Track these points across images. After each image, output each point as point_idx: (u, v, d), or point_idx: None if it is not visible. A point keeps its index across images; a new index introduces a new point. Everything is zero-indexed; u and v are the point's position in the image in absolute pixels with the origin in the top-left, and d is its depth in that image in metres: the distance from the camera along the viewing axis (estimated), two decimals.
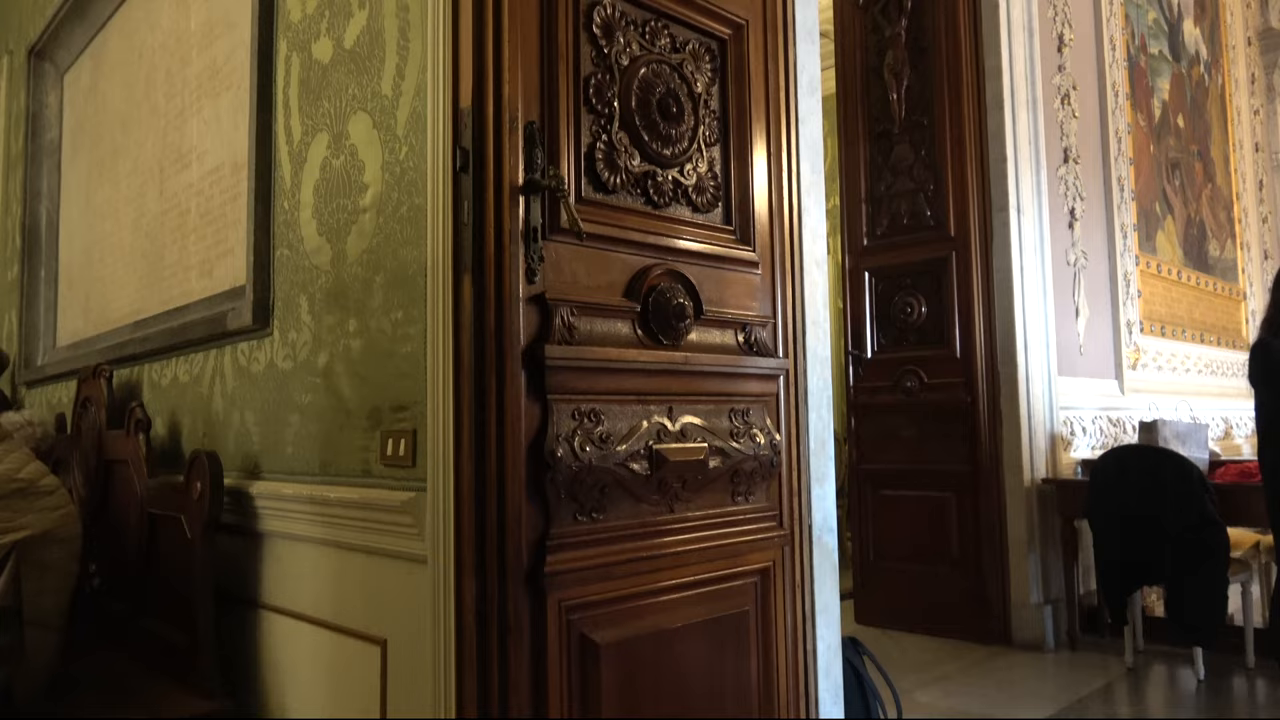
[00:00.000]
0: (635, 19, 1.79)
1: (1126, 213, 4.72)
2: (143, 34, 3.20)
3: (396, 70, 1.80)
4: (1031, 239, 3.95)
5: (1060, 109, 4.29)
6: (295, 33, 2.17)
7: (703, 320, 1.82)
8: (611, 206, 1.72)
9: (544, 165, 1.58)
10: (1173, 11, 5.48)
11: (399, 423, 1.75)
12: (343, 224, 1.95)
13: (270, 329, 2.21)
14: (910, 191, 4.12)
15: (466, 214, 1.57)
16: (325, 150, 2.03)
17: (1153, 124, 5.13)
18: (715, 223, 1.90)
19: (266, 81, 2.27)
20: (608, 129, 1.72)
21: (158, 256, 3.01)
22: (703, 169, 1.88)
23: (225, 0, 2.60)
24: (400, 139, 1.78)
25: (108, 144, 3.50)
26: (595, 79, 1.70)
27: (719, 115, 1.93)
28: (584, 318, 1.64)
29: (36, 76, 4.03)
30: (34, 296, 4.01)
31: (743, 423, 1.87)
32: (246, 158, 2.36)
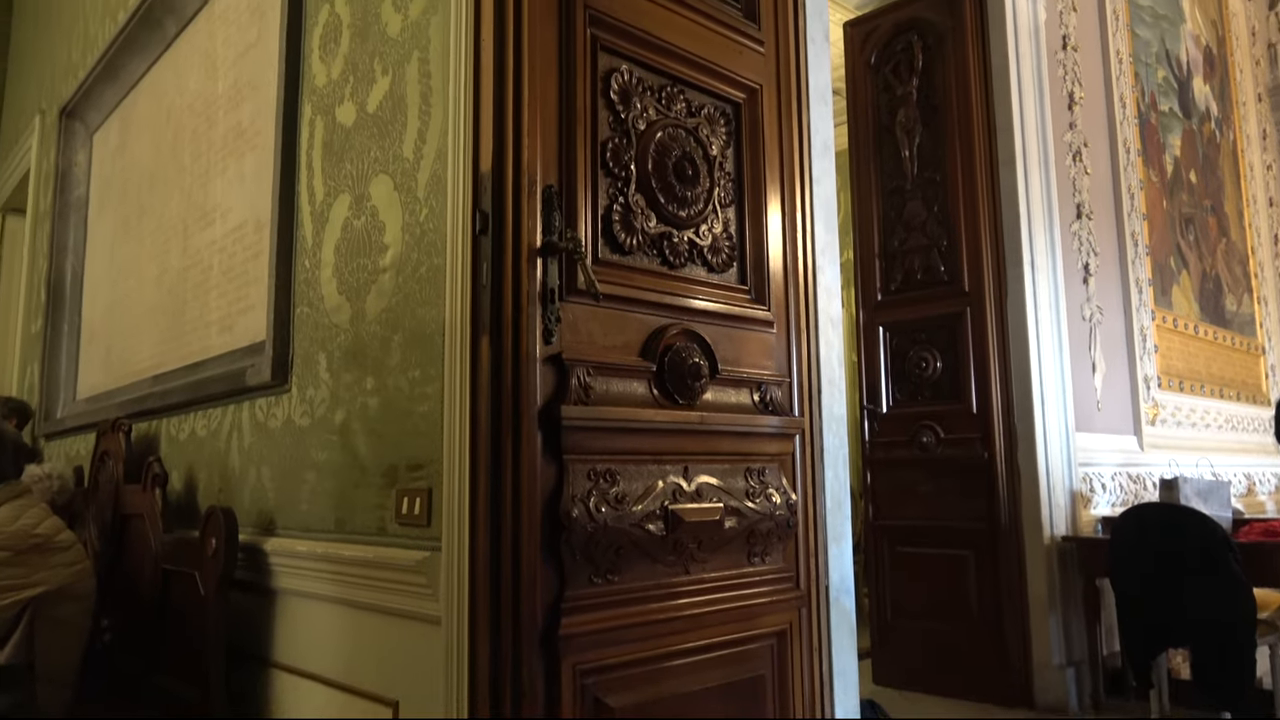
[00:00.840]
0: (652, 85, 1.82)
1: (1141, 268, 4.72)
2: (171, 96, 3.28)
3: (418, 134, 1.84)
4: (1046, 294, 3.95)
5: (1072, 165, 4.32)
6: (320, 96, 2.23)
7: (718, 379, 1.83)
8: (628, 267, 1.73)
9: (562, 228, 1.60)
10: (1182, 69, 5.54)
11: (415, 481, 1.75)
12: (363, 283, 1.98)
13: (289, 385, 2.22)
14: (924, 247, 4.14)
15: (485, 275, 1.59)
16: (347, 211, 2.06)
17: (1165, 180, 5.16)
18: (730, 282, 1.92)
19: (291, 143, 2.33)
20: (625, 191, 1.75)
21: (179, 312, 3.05)
22: (718, 229, 1.90)
23: (252, 64, 2.67)
24: (421, 201, 1.81)
25: (134, 201, 3.57)
26: (613, 143, 1.73)
27: (734, 177, 1.95)
28: (600, 378, 1.64)
29: (67, 135, 4.14)
30: (56, 349, 4.07)
31: (759, 482, 1.87)
32: (269, 216, 2.41)
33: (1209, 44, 5.92)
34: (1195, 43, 5.74)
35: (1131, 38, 4.94)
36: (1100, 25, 4.67)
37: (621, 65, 1.77)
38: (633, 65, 1.79)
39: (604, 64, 1.74)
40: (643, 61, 1.80)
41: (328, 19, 2.22)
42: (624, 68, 1.77)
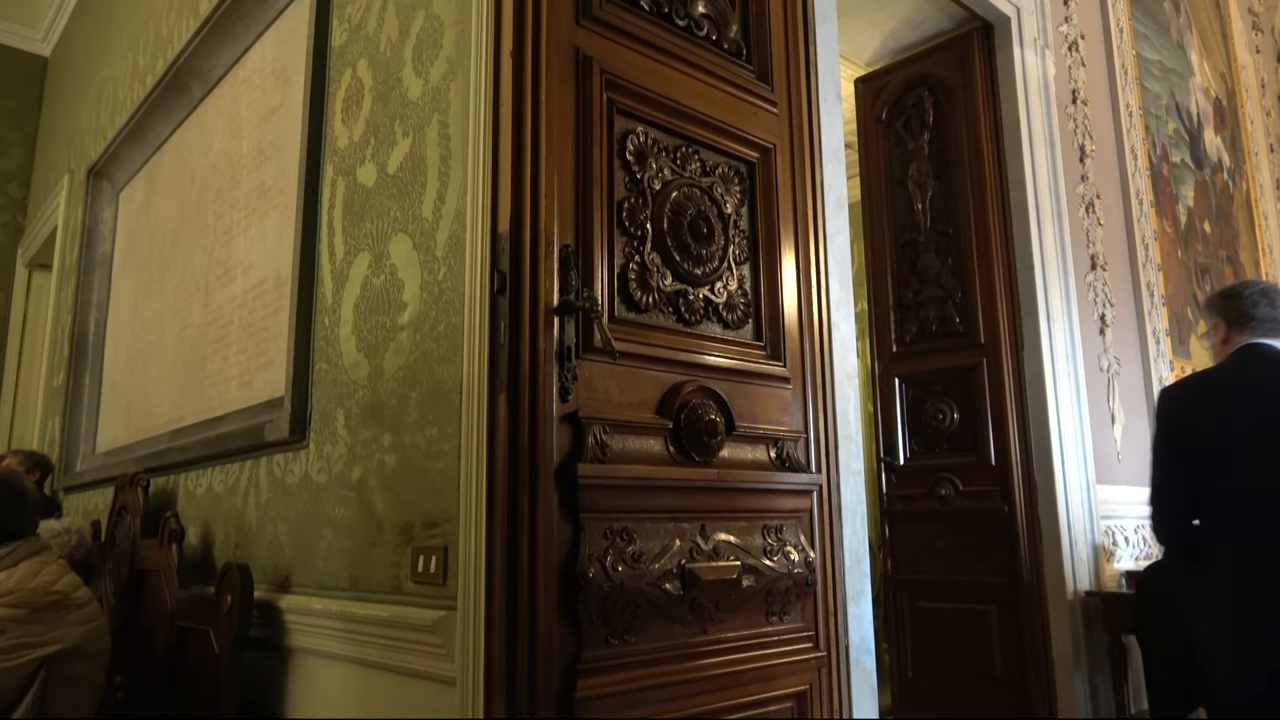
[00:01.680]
0: (667, 145, 1.86)
1: (1158, 318, 4.70)
2: (196, 156, 3.36)
3: (437, 195, 1.87)
4: (1063, 345, 3.94)
5: (1085, 217, 4.33)
6: (341, 157, 2.28)
7: (734, 436, 1.83)
8: (644, 325, 1.75)
9: (578, 287, 1.62)
10: (1192, 121, 5.57)
11: (431, 539, 1.75)
12: (381, 340, 2.00)
13: (306, 441, 2.24)
14: (938, 299, 4.14)
15: (503, 334, 1.60)
16: (366, 269, 2.09)
17: (1179, 230, 5.16)
18: (746, 339, 1.93)
19: (313, 202, 2.37)
20: (640, 250, 1.77)
21: (199, 366, 3.08)
22: (733, 286, 1.91)
23: (276, 126, 2.73)
24: (439, 260, 1.84)
25: (157, 258, 3.63)
26: (628, 203, 1.76)
27: (748, 234, 1.97)
28: (616, 435, 1.65)
29: (94, 194, 4.23)
30: (77, 403, 4.11)
31: (776, 540, 1.85)
32: (291, 273, 2.45)
33: (1219, 96, 5.97)
34: (1205, 95, 5.79)
35: (1141, 91, 4.99)
36: (1109, 80, 4.72)
37: (637, 127, 1.80)
38: (648, 127, 1.82)
39: (620, 126, 1.78)
40: (658, 123, 1.84)
41: (350, 83, 2.28)
42: (640, 129, 1.81)
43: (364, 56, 2.22)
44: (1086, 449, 3.90)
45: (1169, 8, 5.50)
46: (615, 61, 1.77)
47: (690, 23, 1.92)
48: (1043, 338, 3.86)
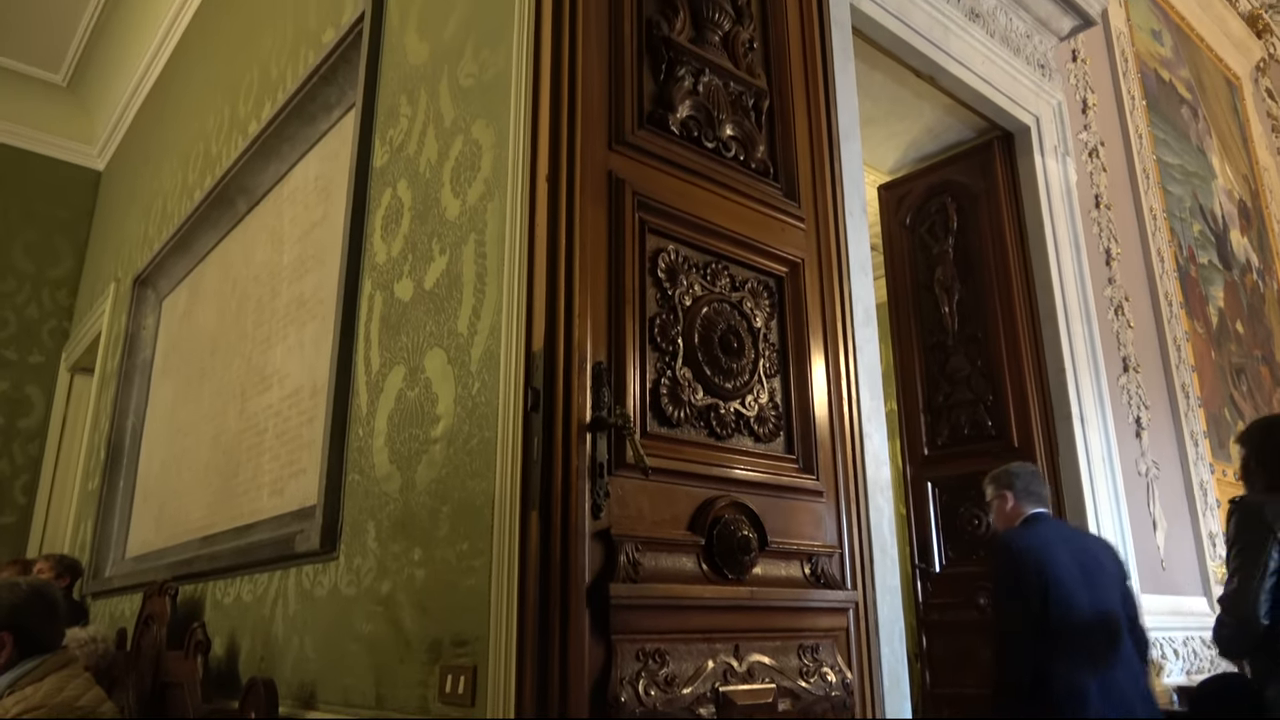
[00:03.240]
0: (697, 262, 1.89)
1: (1195, 420, 4.63)
2: (238, 267, 3.47)
3: (473, 311, 1.91)
4: (1098, 449, 3.87)
5: (1115, 319, 4.33)
6: (380, 273, 2.34)
7: (768, 552, 1.80)
8: (675, 440, 1.75)
9: (610, 403, 1.63)
10: (1218, 223, 5.60)
11: (459, 658, 1.72)
12: (414, 453, 2.01)
13: (336, 553, 2.23)
14: (969, 402, 4.11)
15: (536, 450, 1.61)
16: (401, 382, 2.13)
17: (1211, 331, 5.13)
18: (777, 452, 1.92)
19: (350, 315, 2.43)
20: (672, 366, 1.78)
21: (232, 473, 3.11)
22: (764, 400, 1.92)
23: (317, 240, 2.83)
24: (473, 375, 1.86)
25: (196, 365, 3.72)
26: (660, 319, 1.79)
27: (778, 348, 1.99)
28: (649, 553, 1.63)
29: (138, 302, 4.36)
30: (110, 507, 4.14)
31: (812, 660, 1.80)
32: (326, 383, 2.49)
33: (1242, 197, 6.01)
34: (1228, 197, 5.83)
35: (1164, 194, 5.04)
36: (1131, 184, 4.78)
37: (668, 245, 1.85)
38: (679, 245, 1.87)
39: (652, 244, 1.82)
40: (689, 241, 1.88)
41: (390, 201, 2.36)
42: (670, 247, 1.85)
43: (404, 177, 2.31)
44: (1129, 557, 3.79)
45: (1187, 113, 5.61)
46: (647, 183, 1.82)
47: (719, 144, 1.99)
48: (1077, 441, 3.80)
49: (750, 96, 2.09)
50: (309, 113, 2.97)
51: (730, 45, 2.09)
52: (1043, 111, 4.15)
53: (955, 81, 3.73)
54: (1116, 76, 4.88)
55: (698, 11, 2.04)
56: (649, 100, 1.91)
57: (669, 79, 1.95)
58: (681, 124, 1.94)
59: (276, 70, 3.40)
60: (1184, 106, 5.59)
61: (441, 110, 2.20)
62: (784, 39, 2.20)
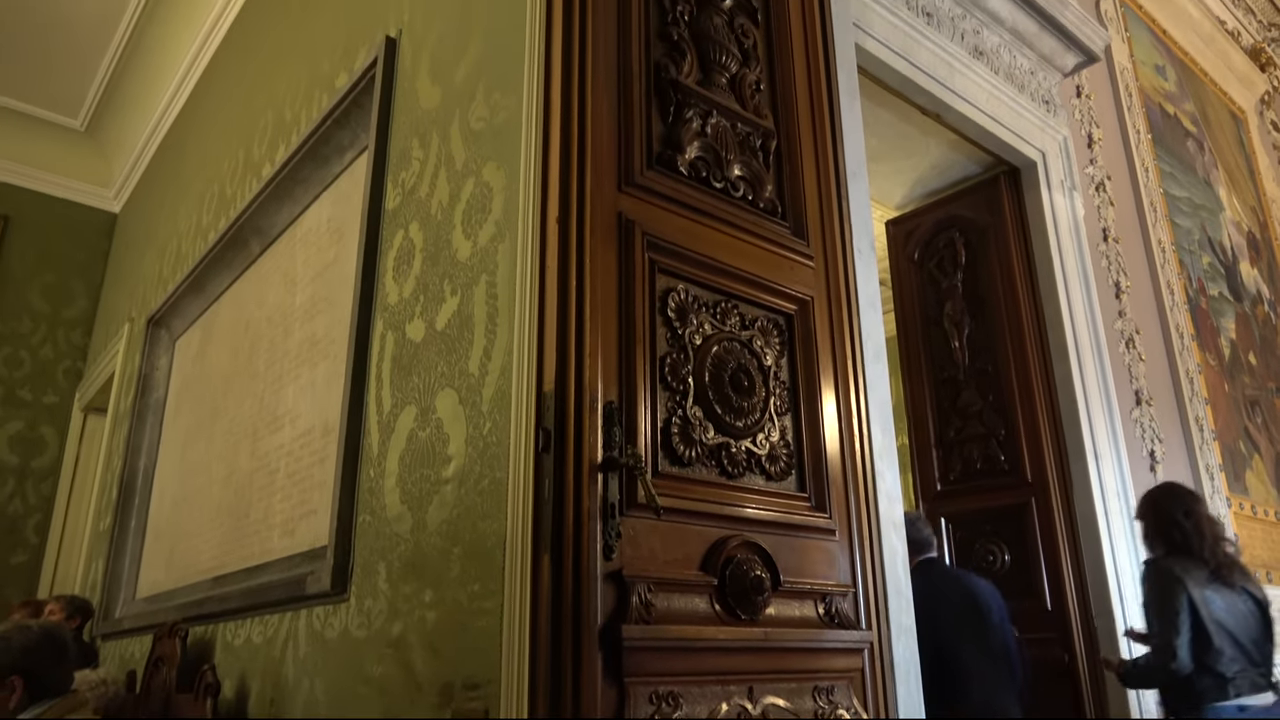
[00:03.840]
0: (707, 301, 1.90)
1: (1210, 454, 4.59)
2: (251, 308, 3.50)
3: (484, 352, 1.92)
4: (1113, 484, 3.84)
5: (1126, 353, 4.31)
6: (392, 313, 2.36)
7: (781, 592, 1.79)
8: (687, 479, 1.75)
9: (622, 443, 1.63)
10: (1227, 255, 5.60)
11: (471, 701, 1.71)
12: (425, 493, 2.01)
13: (347, 595, 2.22)
14: (981, 436, 4.09)
15: (547, 491, 1.61)
16: (413, 422, 2.13)
17: (1224, 363, 5.10)
18: (789, 490, 1.91)
19: (362, 355, 2.44)
20: (682, 405, 1.78)
21: (243, 513, 3.11)
22: (775, 438, 1.92)
23: (330, 281, 2.85)
24: (485, 415, 1.87)
25: (208, 404, 3.74)
26: (670, 358, 1.79)
27: (788, 385, 1.99)
28: (661, 594, 1.62)
29: (152, 342, 4.40)
30: (121, 547, 4.15)
31: (827, 702, 1.78)
32: (338, 423, 2.49)
33: (1251, 229, 6.01)
34: (1237, 229, 5.84)
35: (1172, 227, 5.05)
36: (1139, 217, 4.79)
37: (678, 285, 1.86)
38: (689, 284, 1.88)
39: (662, 284, 1.83)
40: (698, 280, 1.89)
41: (402, 243, 2.38)
42: (680, 287, 1.86)
43: (416, 219, 2.34)
44: None
45: (1192, 146, 5.63)
46: (656, 224, 1.84)
47: (727, 184, 2.00)
48: (1091, 476, 3.77)
49: (758, 137, 2.12)
50: (322, 155, 3.01)
51: (737, 87, 2.11)
52: (1048, 146, 4.17)
53: (961, 118, 3.76)
54: (1121, 111, 4.91)
55: (705, 54, 2.07)
56: (658, 142, 1.93)
57: (677, 121, 1.97)
58: (690, 165, 1.96)
59: (290, 114, 3.45)
60: (1189, 140, 5.61)
61: (453, 153, 2.24)
62: (790, 80, 2.23)
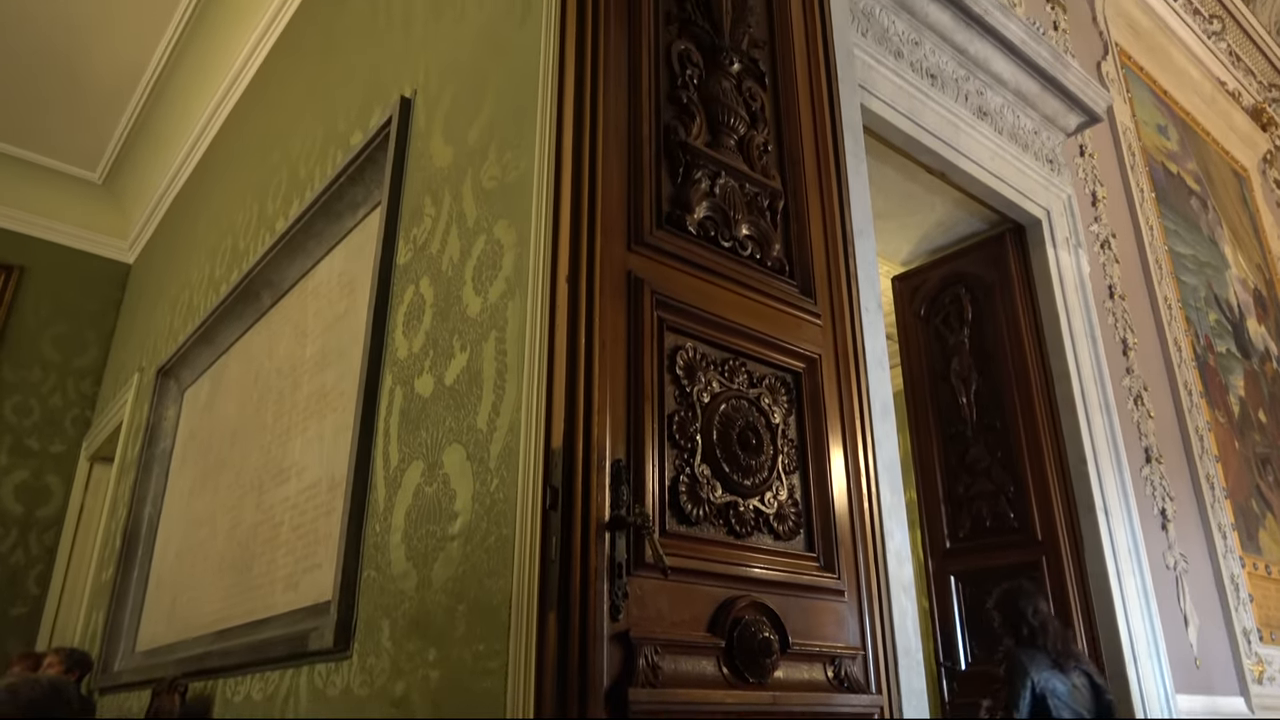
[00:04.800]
0: (715, 359, 1.91)
1: (1222, 512, 4.54)
2: (261, 359, 3.52)
3: (492, 408, 1.93)
4: (1124, 542, 3.80)
5: (1135, 409, 4.30)
6: (401, 368, 2.37)
7: (789, 654, 1.76)
8: (695, 538, 1.73)
9: (629, 502, 1.62)
10: (1233, 311, 5.61)
11: None
12: (431, 550, 2.00)
13: (350, 652, 2.20)
14: (990, 493, 4.06)
15: (554, 550, 1.60)
16: (419, 477, 2.13)
17: (1233, 421, 5.08)
18: (798, 550, 1.90)
19: (370, 409, 2.45)
20: (690, 463, 1.78)
21: (247, 567, 3.09)
22: (783, 496, 1.91)
23: (340, 334, 2.87)
24: (492, 472, 1.87)
25: (215, 455, 3.74)
26: (678, 416, 1.79)
27: (796, 444, 1.98)
28: (668, 656, 1.60)
29: (161, 392, 4.42)
30: (123, 599, 4.11)
31: None
32: (344, 476, 2.49)
33: (1257, 286, 6.03)
34: (1243, 286, 5.86)
35: (1178, 284, 5.06)
36: (1144, 274, 4.81)
37: (686, 343, 1.87)
38: (697, 342, 1.89)
39: (670, 342, 1.84)
40: (706, 339, 1.90)
41: (412, 298, 2.41)
42: (689, 345, 1.87)
43: (427, 274, 2.36)
44: (1160, 654, 3.68)
45: (1196, 205, 5.68)
46: (665, 282, 1.86)
47: (735, 243, 2.03)
48: (1102, 534, 3.73)
49: (765, 197, 2.14)
50: (335, 211, 3.06)
51: (745, 148, 2.15)
52: (1053, 205, 4.21)
53: (966, 177, 3.81)
54: (1124, 170, 4.97)
55: (714, 116, 2.11)
56: (667, 202, 1.96)
57: (686, 181, 2.00)
58: (699, 224, 1.98)
59: (305, 170, 3.51)
60: (1193, 198, 5.66)
61: (464, 210, 2.27)
62: (798, 141, 2.27)
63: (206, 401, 4.07)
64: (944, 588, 4.12)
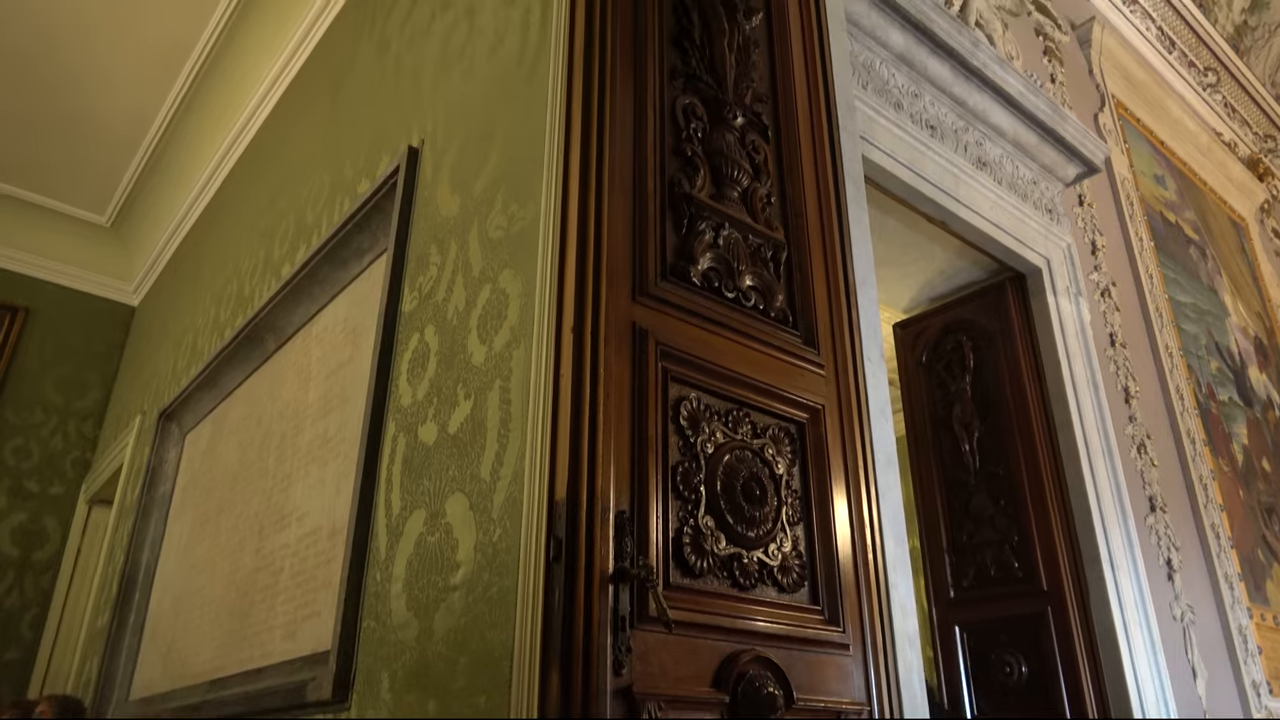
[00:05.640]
0: (719, 410, 1.91)
1: (1228, 562, 4.51)
2: (264, 403, 3.52)
3: (496, 457, 1.92)
4: (1130, 593, 3.76)
5: (1138, 457, 4.28)
6: (404, 415, 2.37)
7: (794, 710, 1.74)
8: (699, 591, 1.72)
9: (633, 553, 1.62)
10: (1235, 359, 5.62)
11: None
12: (432, 600, 1.99)
13: (348, 704, 2.17)
14: (994, 542, 4.03)
15: (558, 602, 1.59)
16: (422, 526, 2.12)
17: (1237, 469, 5.06)
18: (802, 603, 1.88)
19: (373, 456, 2.45)
20: (694, 514, 1.78)
21: (244, 614, 3.06)
22: (787, 548, 1.90)
23: (344, 380, 2.88)
24: (495, 522, 1.86)
25: (215, 500, 3.72)
26: (682, 467, 1.79)
27: (800, 495, 1.98)
28: (672, 711, 1.58)
29: (162, 435, 4.42)
30: (118, 644, 4.07)
31: None
32: (345, 524, 2.48)
33: (1258, 334, 6.04)
34: (1244, 334, 5.87)
35: (1178, 332, 5.08)
36: (1145, 322, 4.82)
37: (690, 393, 1.87)
38: (701, 393, 1.89)
39: (674, 393, 1.85)
40: (710, 389, 1.90)
41: (417, 345, 2.42)
42: (693, 395, 1.87)
43: (432, 322, 2.38)
44: (1170, 708, 3.62)
45: (1195, 253, 5.71)
46: (669, 333, 1.87)
47: (739, 294, 2.04)
48: (1108, 584, 3.70)
49: (769, 248, 2.16)
50: (341, 257, 3.08)
51: (749, 200, 2.17)
52: (1053, 253, 4.24)
53: (966, 226, 3.84)
54: (1123, 219, 5.01)
55: (717, 169, 2.14)
56: (671, 253, 1.97)
57: (690, 233, 2.02)
58: (703, 275, 2.00)
59: (312, 216, 3.55)
60: (1192, 247, 5.70)
61: (470, 260, 2.29)
62: (800, 194, 2.30)
63: (208, 445, 4.06)
64: (949, 639, 4.07)
